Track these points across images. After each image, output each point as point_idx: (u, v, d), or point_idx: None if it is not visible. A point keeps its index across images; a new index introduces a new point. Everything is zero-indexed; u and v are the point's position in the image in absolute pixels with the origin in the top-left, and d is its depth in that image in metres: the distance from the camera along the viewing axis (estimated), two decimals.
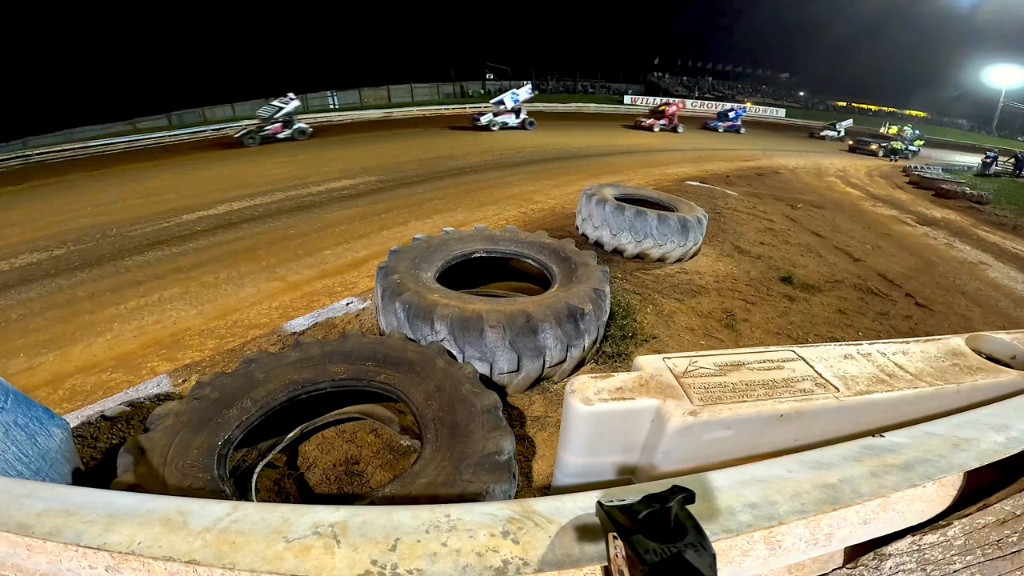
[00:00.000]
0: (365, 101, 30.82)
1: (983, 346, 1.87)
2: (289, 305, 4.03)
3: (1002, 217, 10.33)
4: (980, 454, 1.16)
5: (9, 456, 1.55)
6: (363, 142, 14.67)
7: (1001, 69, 44.90)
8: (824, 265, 5.66)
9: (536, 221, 6.33)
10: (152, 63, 34.40)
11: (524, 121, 17.63)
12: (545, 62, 45.17)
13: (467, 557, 0.85)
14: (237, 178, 9.63)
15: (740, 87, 54.26)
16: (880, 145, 23.09)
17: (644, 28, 56.20)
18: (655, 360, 1.65)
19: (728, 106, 29.28)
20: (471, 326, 2.48)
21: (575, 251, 3.47)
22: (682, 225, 4.76)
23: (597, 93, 43.66)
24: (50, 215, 7.39)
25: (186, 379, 2.99)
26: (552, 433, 2.51)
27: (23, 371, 3.20)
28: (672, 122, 21.97)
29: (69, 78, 31.11)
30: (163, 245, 5.66)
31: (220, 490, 1.58)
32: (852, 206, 9.97)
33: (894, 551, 1.01)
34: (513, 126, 17.49)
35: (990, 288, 5.78)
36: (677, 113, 22.51)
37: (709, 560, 0.69)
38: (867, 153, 22.69)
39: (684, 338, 3.59)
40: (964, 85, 50.08)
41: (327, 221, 6.42)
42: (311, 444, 2.40)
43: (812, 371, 1.62)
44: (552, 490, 1.92)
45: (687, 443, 1.45)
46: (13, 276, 4.91)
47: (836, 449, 1.20)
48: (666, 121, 21.89)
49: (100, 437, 2.40)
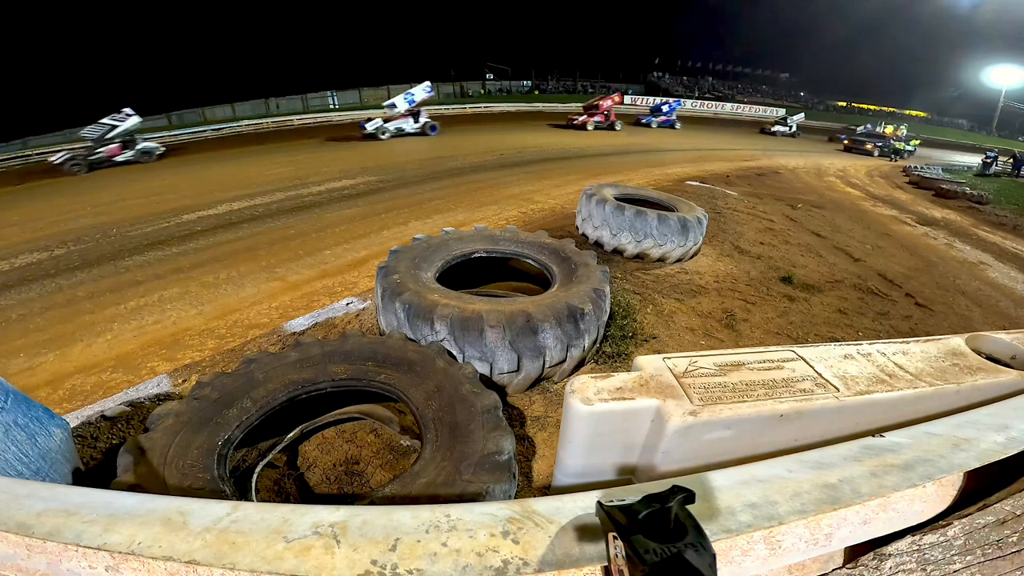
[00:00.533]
0: (365, 101, 30.83)
1: (983, 346, 1.87)
2: (289, 305, 4.03)
3: (1002, 217, 10.33)
4: (980, 454, 1.16)
5: (9, 456, 1.55)
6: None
7: (1001, 69, 44.93)
8: (824, 265, 5.66)
9: (536, 221, 6.33)
10: (152, 63, 34.41)
11: (425, 125, 15.73)
12: (545, 62, 45.23)
13: (467, 557, 0.85)
14: (237, 178, 9.63)
15: (740, 87, 54.27)
16: (876, 145, 22.63)
17: (644, 28, 56.23)
18: (655, 360, 1.65)
19: (660, 100, 27.65)
20: (471, 326, 2.48)
21: (575, 251, 3.47)
22: (682, 225, 4.76)
23: (598, 93, 43.68)
24: (50, 215, 7.40)
25: (186, 379, 2.99)
26: (552, 433, 2.51)
27: (23, 371, 3.20)
28: (609, 119, 19.92)
29: (69, 78, 31.11)
30: (163, 245, 5.66)
31: (220, 490, 1.58)
32: (852, 206, 9.97)
33: (894, 551, 1.01)
34: (411, 132, 15.42)
35: (990, 288, 5.78)
36: (613, 108, 20.38)
37: (709, 560, 0.69)
38: (863, 153, 22.22)
39: (684, 338, 3.59)
40: (964, 85, 50.12)
41: (327, 221, 6.42)
42: (311, 444, 2.40)
43: (812, 371, 1.62)
44: (552, 490, 1.92)
45: (687, 443, 1.45)
46: (13, 276, 4.91)
47: (836, 449, 1.20)
48: (601, 118, 19.77)
49: (100, 437, 2.40)
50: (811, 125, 36.17)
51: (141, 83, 31.29)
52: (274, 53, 38.54)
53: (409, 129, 15.39)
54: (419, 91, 15.93)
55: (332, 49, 40.45)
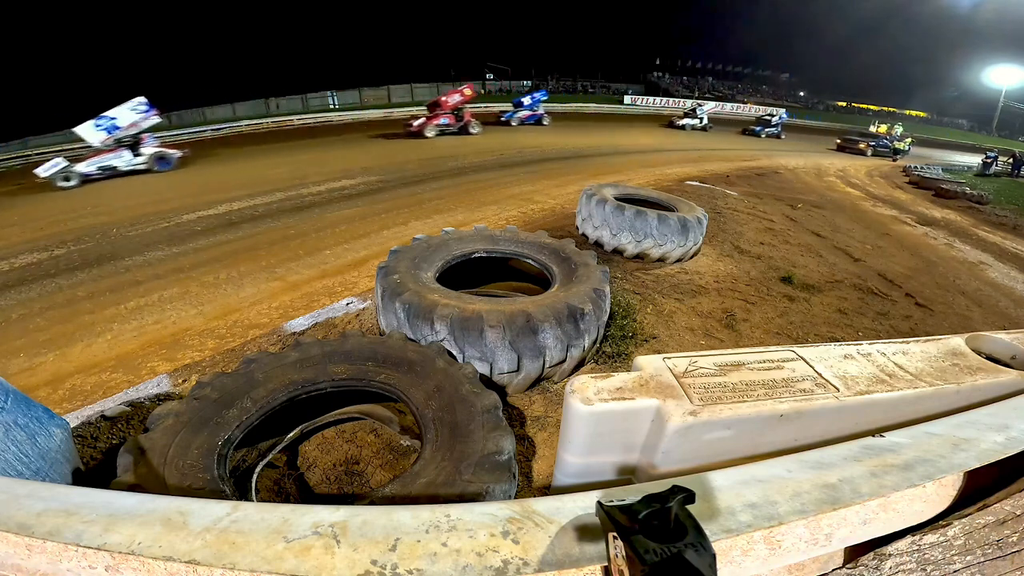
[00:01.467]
0: (365, 101, 30.85)
1: (983, 346, 1.87)
2: (289, 305, 4.03)
3: (1002, 217, 10.33)
4: (980, 454, 1.16)
5: (9, 456, 1.55)
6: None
7: (1001, 69, 44.91)
8: (824, 265, 5.66)
9: (536, 221, 6.33)
10: (152, 63, 34.41)
11: (152, 158, 10.79)
12: (545, 62, 45.24)
13: (467, 557, 0.85)
14: (237, 178, 9.64)
15: (740, 87, 54.29)
16: (869, 144, 21.83)
17: (644, 28, 56.25)
18: (655, 360, 1.65)
19: (525, 93, 22.88)
20: (471, 326, 2.48)
21: (575, 251, 3.47)
22: (682, 225, 4.76)
23: (597, 93, 43.68)
24: (50, 215, 7.40)
25: (186, 379, 2.99)
26: (552, 433, 2.51)
27: (23, 371, 3.20)
28: (461, 119, 15.64)
29: (69, 78, 31.12)
30: (163, 245, 5.66)
31: (220, 490, 1.57)
32: (852, 206, 9.97)
33: (894, 551, 1.01)
34: (129, 170, 10.48)
35: (990, 288, 5.78)
36: (465, 106, 15.91)
37: (709, 560, 0.69)
38: (855, 152, 21.40)
39: (684, 338, 3.59)
40: (964, 85, 50.12)
41: (327, 221, 6.43)
42: (311, 444, 2.40)
43: (812, 371, 1.62)
44: (552, 490, 1.92)
45: (687, 443, 1.45)
46: (13, 276, 4.91)
47: (836, 449, 1.20)
48: (449, 120, 15.33)
49: (100, 437, 2.40)
50: (813, 125, 36.13)
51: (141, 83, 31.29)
52: (274, 53, 38.56)
53: (124, 167, 10.52)
54: (125, 112, 10.73)
55: (332, 49, 40.48)
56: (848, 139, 22.98)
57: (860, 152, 21.42)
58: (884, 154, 21.87)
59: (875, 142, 22.41)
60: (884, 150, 22.09)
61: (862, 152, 21.41)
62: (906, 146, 23.18)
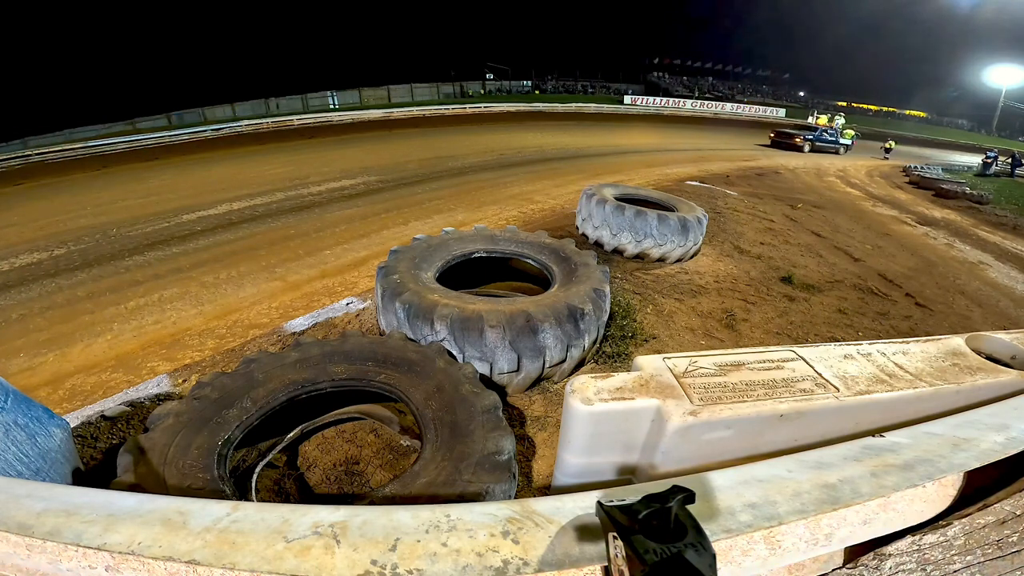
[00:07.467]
0: (365, 101, 30.84)
1: (983, 346, 1.87)
2: (289, 305, 4.03)
3: (1002, 217, 10.33)
4: (980, 454, 1.16)
5: (9, 456, 1.55)
6: None
7: (1001, 69, 44.89)
8: (824, 265, 5.66)
9: (536, 221, 6.33)
10: (152, 63, 34.41)
11: None
12: (545, 62, 45.26)
13: (467, 557, 0.85)
14: (237, 178, 9.63)
15: (740, 87, 54.29)
16: (804, 138, 18.94)
17: (644, 28, 56.23)
18: (655, 360, 1.65)
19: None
20: (471, 326, 2.48)
21: (575, 251, 3.47)
22: (682, 225, 4.76)
23: (597, 93, 43.69)
24: (50, 215, 7.40)
25: (186, 379, 2.99)
26: (552, 433, 2.51)
27: (23, 371, 3.20)
28: None
29: (69, 78, 31.11)
30: (163, 245, 5.66)
31: (220, 490, 1.57)
32: (852, 206, 9.97)
33: (894, 551, 1.01)
34: None
35: (990, 288, 5.78)
36: None
37: (709, 560, 0.69)
38: (791, 148, 18.61)
39: (684, 338, 3.59)
40: (964, 85, 50.11)
41: (327, 221, 6.42)
42: (311, 444, 2.40)
43: (812, 371, 1.62)
44: (552, 490, 1.92)
45: (687, 443, 1.45)
46: (13, 276, 4.91)
47: (836, 449, 1.20)
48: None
49: (100, 437, 2.40)
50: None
51: (141, 83, 31.30)
52: (274, 53, 38.54)
53: None
54: None
55: (332, 49, 40.47)
56: (783, 132, 19.80)
57: (796, 148, 18.65)
58: (827, 149, 19.33)
59: (812, 135, 19.50)
60: (827, 145, 19.46)
61: (798, 148, 18.62)
62: (849, 139, 20.81)
